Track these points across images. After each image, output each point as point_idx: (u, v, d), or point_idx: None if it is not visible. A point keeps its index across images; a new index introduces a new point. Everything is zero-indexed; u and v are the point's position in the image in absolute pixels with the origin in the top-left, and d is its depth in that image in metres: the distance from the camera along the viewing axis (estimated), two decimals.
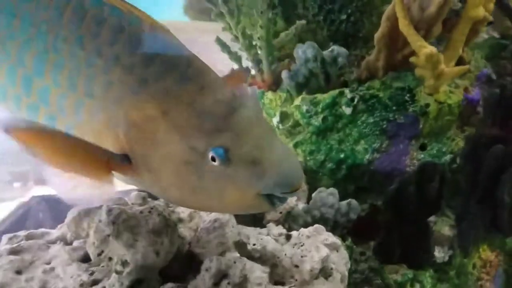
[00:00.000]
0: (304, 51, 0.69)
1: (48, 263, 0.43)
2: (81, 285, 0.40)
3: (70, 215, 0.44)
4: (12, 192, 1.22)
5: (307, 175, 0.74)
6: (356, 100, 0.69)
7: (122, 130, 0.38)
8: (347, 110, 0.70)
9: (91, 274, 0.41)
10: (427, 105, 0.68)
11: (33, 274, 0.42)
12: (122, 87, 0.38)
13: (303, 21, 0.72)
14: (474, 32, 0.70)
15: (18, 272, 0.42)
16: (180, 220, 0.52)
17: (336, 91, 0.70)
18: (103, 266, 0.42)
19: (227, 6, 0.74)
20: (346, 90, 0.70)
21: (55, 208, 1.02)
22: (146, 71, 0.38)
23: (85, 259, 0.44)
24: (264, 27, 0.69)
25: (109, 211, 0.42)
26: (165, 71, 0.38)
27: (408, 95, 0.68)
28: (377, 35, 0.67)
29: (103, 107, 0.38)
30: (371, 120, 0.69)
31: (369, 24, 0.76)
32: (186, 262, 0.49)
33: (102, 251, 0.41)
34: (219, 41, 0.81)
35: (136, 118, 0.37)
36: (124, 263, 0.41)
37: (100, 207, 0.43)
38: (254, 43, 0.75)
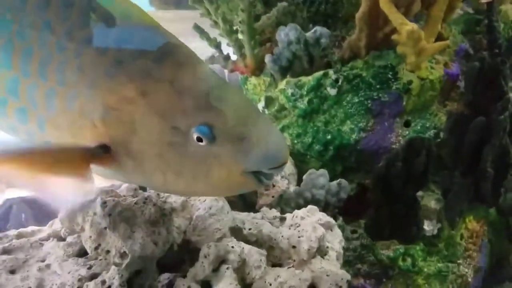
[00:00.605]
0: (286, 34, 0.69)
1: (43, 261, 0.42)
2: (80, 279, 0.39)
3: (64, 210, 0.43)
4: None
5: (295, 158, 0.74)
6: (340, 81, 0.69)
7: (98, 117, 0.36)
8: (332, 91, 0.70)
9: (89, 268, 0.40)
10: (410, 82, 0.69)
11: (28, 273, 0.41)
12: (96, 70, 0.36)
13: (284, 3, 0.71)
14: (451, 8, 0.71)
15: (12, 271, 0.41)
16: (173, 209, 0.52)
17: (320, 73, 0.70)
18: (101, 260, 0.41)
19: None
20: (330, 71, 0.70)
21: (32, 209, 1.00)
22: (120, 52, 0.36)
23: (81, 253, 0.44)
24: (246, 10, 0.68)
25: (104, 203, 0.41)
26: (141, 51, 0.36)
27: (390, 73, 0.69)
28: (358, 15, 0.67)
29: (77, 94, 0.37)
30: (356, 100, 0.70)
31: (348, 4, 0.76)
32: (181, 252, 0.48)
33: (99, 245, 0.40)
34: (197, 28, 0.79)
35: (113, 102, 0.36)
36: (123, 255, 0.40)
37: (94, 200, 0.42)
38: (235, 28, 0.74)
